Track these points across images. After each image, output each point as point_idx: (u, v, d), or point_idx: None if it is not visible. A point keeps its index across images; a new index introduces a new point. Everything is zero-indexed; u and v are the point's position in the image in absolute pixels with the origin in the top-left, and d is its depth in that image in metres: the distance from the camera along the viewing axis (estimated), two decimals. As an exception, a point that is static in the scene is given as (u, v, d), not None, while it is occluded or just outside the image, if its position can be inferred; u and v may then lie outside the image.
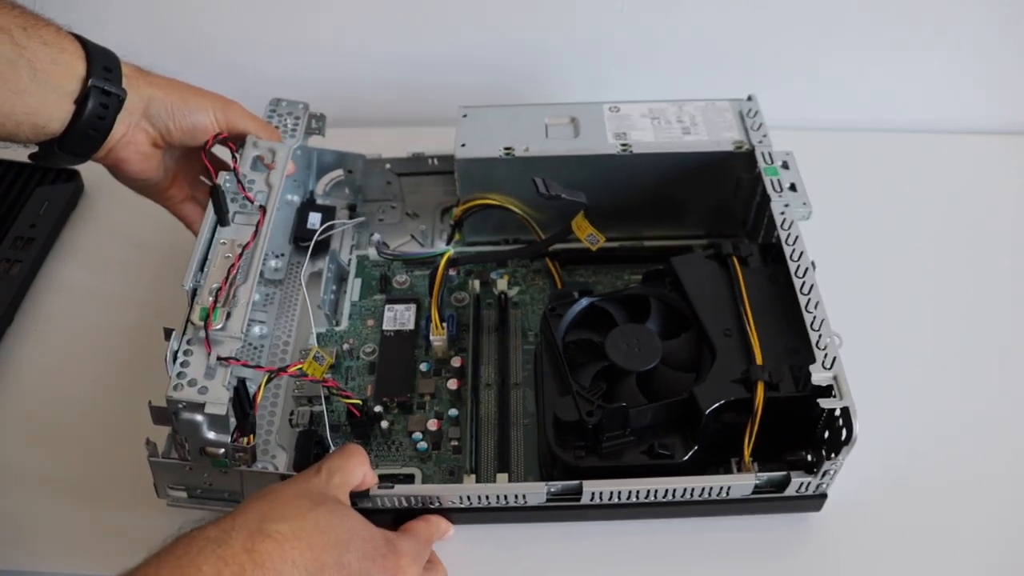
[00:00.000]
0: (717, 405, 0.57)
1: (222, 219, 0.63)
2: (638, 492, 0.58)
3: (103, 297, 0.79)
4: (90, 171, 0.90)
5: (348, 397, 0.63)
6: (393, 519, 0.60)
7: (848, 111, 0.94)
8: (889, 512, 0.62)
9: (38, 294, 0.80)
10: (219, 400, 0.54)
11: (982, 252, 0.80)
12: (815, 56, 0.90)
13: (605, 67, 0.91)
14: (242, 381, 0.58)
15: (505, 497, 0.59)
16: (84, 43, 0.59)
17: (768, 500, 0.60)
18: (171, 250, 0.80)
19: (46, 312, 0.78)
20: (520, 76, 0.92)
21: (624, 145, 0.72)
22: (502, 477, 0.62)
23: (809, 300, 0.59)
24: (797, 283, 0.60)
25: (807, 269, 0.61)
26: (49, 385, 0.73)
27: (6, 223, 0.83)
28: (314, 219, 0.77)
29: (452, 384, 0.68)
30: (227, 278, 0.60)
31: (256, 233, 0.64)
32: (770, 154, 0.70)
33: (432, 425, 0.65)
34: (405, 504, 0.59)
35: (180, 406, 0.54)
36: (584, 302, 0.65)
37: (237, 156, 0.67)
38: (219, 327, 0.57)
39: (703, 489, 0.58)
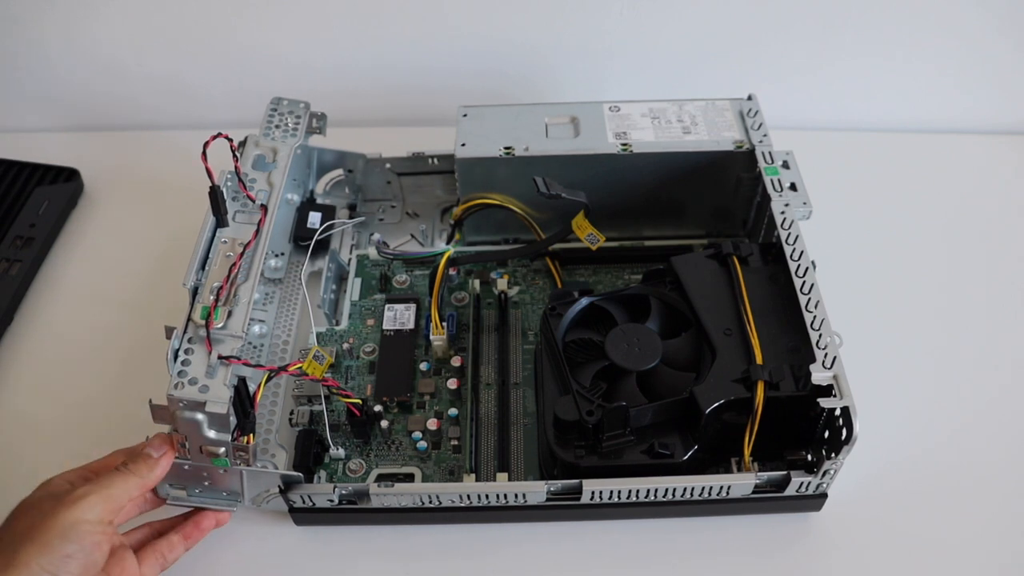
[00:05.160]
0: (717, 404, 0.57)
1: (220, 220, 0.63)
2: (638, 491, 0.58)
3: (103, 296, 0.79)
4: (90, 171, 0.90)
5: (348, 396, 0.63)
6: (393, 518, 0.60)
7: (848, 111, 0.94)
8: (889, 512, 0.62)
9: (38, 294, 0.80)
10: (220, 399, 0.54)
11: (982, 252, 0.80)
12: (816, 56, 0.90)
13: (605, 67, 0.91)
14: (242, 380, 0.58)
15: (505, 496, 0.59)
16: None
17: (768, 500, 0.60)
18: (171, 250, 0.80)
19: (46, 312, 0.78)
20: (521, 77, 0.92)
21: (624, 145, 0.72)
22: (502, 476, 0.62)
23: (809, 300, 0.59)
24: (797, 283, 0.60)
25: (807, 268, 0.61)
26: (49, 384, 0.73)
27: (6, 223, 0.83)
28: (314, 218, 0.77)
29: (452, 383, 0.68)
30: (228, 277, 0.60)
31: (257, 232, 0.64)
32: (770, 154, 0.70)
33: (432, 424, 0.65)
34: (405, 504, 0.59)
35: (181, 404, 0.54)
36: (584, 301, 0.65)
37: (238, 155, 0.67)
38: (220, 326, 0.58)
39: (703, 488, 0.58)
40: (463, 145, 0.72)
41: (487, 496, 0.59)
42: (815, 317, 0.58)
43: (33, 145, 0.92)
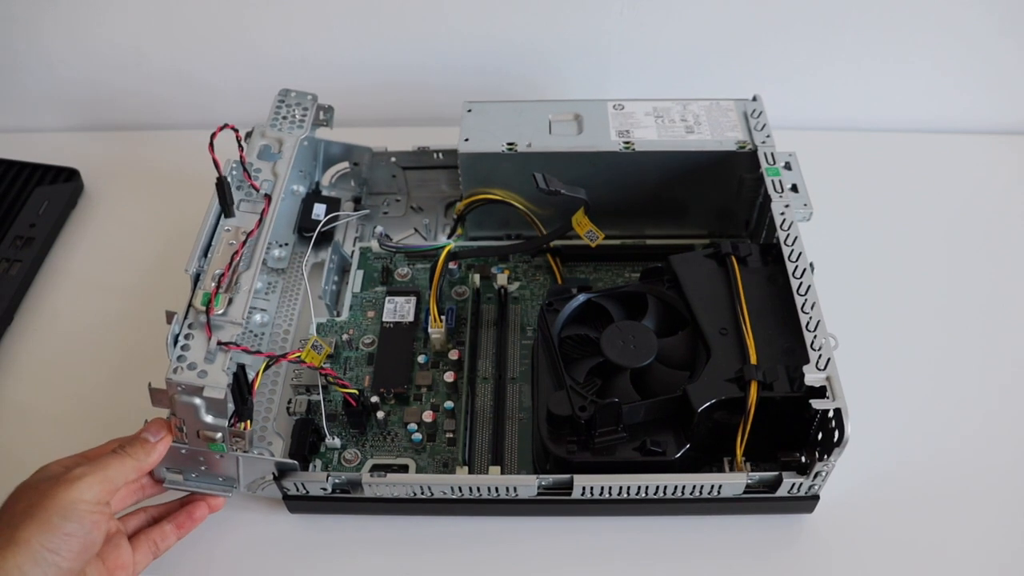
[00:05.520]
0: (710, 403, 0.57)
1: (226, 210, 0.64)
2: (629, 488, 0.58)
3: (102, 296, 0.79)
4: (90, 171, 0.90)
5: (344, 386, 0.64)
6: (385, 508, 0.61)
7: (849, 111, 0.94)
8: (881, 516, 0.62)
9: (38, 294, 0.80)
10: (218, 384, 0.55)
11: (982, 253, 0.80)
12: (816, 56, 0.90)
13: (609, 66, 0.91)
14: (242, 367, 0.59)
15: (496, 489, 0.59)
16: None
17: (760, 500, 0.60)
18: (171, 249, 0.81)
19: (46, 312, 0.79)
20: (525, 76, 0.92)
21: (627, 143, 0.72)
22: (494, 470, 0.62)
23: (806, 301, 0.59)
24: (794, 284, 0.60)
25: (805, 270, 0.61)
26: (49, 384, 0.73)
27: (6, 223, 0.83)
28: (319, 210, 0.78)
29: (449, 377, 0.68)
30: (230, 264, 0.61)
31: (261, 221, 0.65)
32: (773, 154, 0.70)
33: (428, 417, 0.66)
34: (397, 494, 0.60)
35: (179, 388, 0.55)
36: (581, 298, 0.66)
37: (244, 145, 0.68)
38: (220, 312, 0.58)
39: (694, 487, 0.58)
40: (466, 140, 0.73)
41: (479, 488, 0.59)
42: (811, 318, 0.58)
43: (33, 145, 0.92)
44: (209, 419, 0.56)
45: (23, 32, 0.90)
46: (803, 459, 0.60)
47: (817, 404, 0.54)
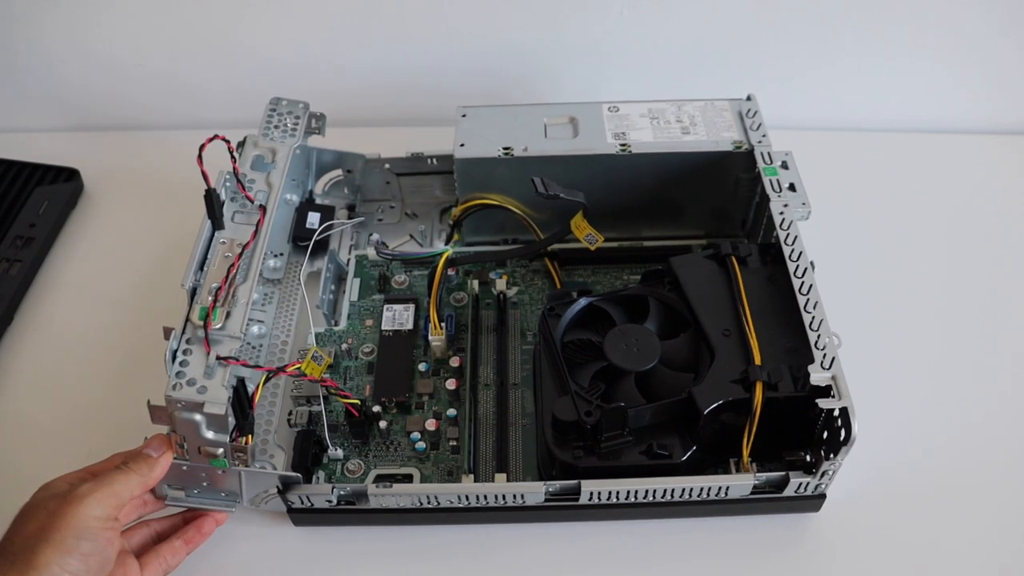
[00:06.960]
0: (716, 405, 0.57)
1: (215, 222, 0.63)
2: (636, 492, 0.58)
3: (102, 296, 0.79)
4: (90, 171, 0.90)
5: (346, 397, 0.63)
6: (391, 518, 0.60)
7: (848, 111, 0.94)
8: (888, 513, 0.62)
9: (38, 294, 0.80)
10: (218, 400, 0.54)
11: (982, 252, 0.80)
12: (815, 56, 0.90)
13: (604, 67, 0.91)
14: (242, 381, 0.58)
15: (503, 497, 0.59)
16: None
17: (767, 500, 0.60)
18: (171, 249, 0.80)
19: (46, 312, 0.78)
20: (520, 77, 0.92)
21: (623, 145, 0.72)
22: (500, 477, 0.62)
23: (808, 300, 0.59)
24: (796, 283, 0.60)
25: (806, 269, 0.61)
26: (49, 384, 0.73)
27: (6, 223, 0.83)
28: (313, 219, 0.77)
29: (451, 384, 0.68)
30: (227, 277, 0.60)
31: (256, 233, 0.64)
32: (769, 154, 0.70)
33: (430, 425, 0.65)
34: (403, 504, 0.59)
35: (179, 405, 0.54)
36: (583, 302, 0.65)
37: (236, 155, 0.67)
38: (218, 326, 0.58)
39: (701, 489, 0.58)
40: (462, 145, 0.72)
41: (485, 497, 0.59)
42: (813, 318, 0.58)
43: (33, 145, 0.92)
44: (210, 435, 0.55)
45: (23, 32, 0.90)
46: (808, 458, 0.60)
47: (823, 403, 0.54)
